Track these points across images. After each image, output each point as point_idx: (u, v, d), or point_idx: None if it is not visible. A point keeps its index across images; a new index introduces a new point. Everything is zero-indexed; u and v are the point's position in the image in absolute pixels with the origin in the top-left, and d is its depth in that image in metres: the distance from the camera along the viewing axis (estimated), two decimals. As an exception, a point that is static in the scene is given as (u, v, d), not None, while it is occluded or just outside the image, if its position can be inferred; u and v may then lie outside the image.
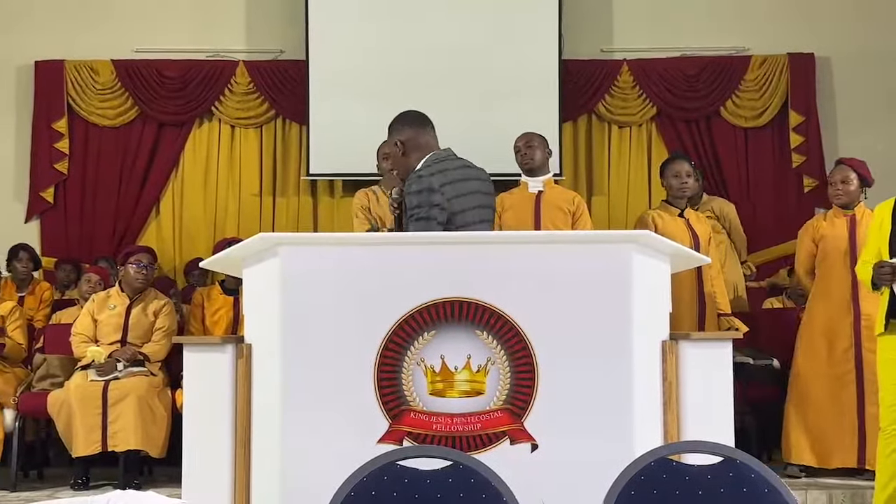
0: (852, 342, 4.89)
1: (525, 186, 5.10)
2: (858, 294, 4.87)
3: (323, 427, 2.99)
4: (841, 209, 5.02)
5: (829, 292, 4.95)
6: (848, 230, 4.96)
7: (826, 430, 4.90)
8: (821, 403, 4.92)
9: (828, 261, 5.00)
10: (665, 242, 3.24)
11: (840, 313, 4.92)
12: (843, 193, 4.98)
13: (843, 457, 4.88)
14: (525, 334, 2.96)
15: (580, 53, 7.45)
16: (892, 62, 7.31)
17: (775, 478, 2.25)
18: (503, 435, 2.95)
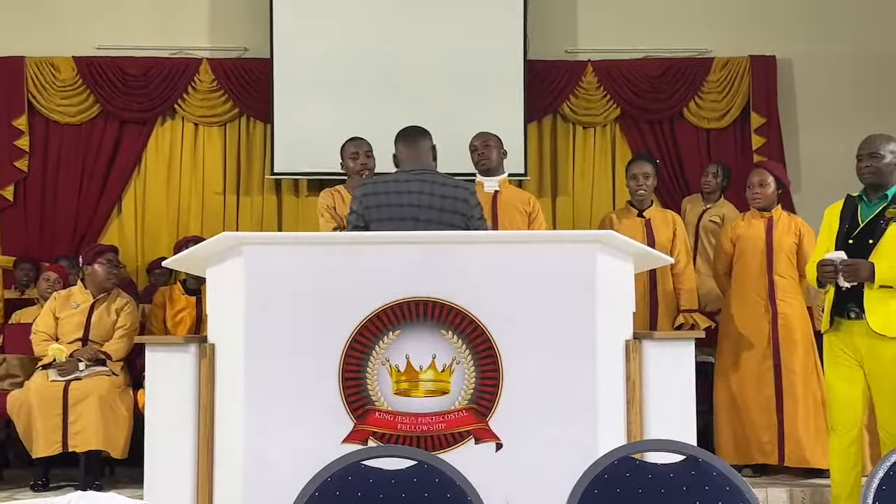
0: (770, 342, 4.96)
1: (480, 186, 5.08)
2: (775, 294, 4.96)
3: (287, 427, 2.98)
4: (758, 211, 5.10)
5: (746, 292, 5.02)
6: (765, 231, 5.04)
7: (749, 428, 4.97)
8: (742, 403, 4.99)
9: (744, 261, 5.07)
10: (629, 242, 3.26)
11: (757, 313, 5.00)
12: (761, 196, 5.07)
13: (765, 455, 4.96)
14: (490, 334, 2.96)
15: (545, 54, 7.48)
16: (851, 65, 7.41)
17: (737, 476, 2.27)
18: (468, 434, 2.95)
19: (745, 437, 4.99)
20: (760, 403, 4.97)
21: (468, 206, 3.79)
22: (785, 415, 4.93)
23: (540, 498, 2.77)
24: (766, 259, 5.02)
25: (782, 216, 5.11)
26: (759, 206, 5.11)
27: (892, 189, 4.24)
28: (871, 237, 4.14)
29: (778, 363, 4.96)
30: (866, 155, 4.25)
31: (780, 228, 5.05)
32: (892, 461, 2.35)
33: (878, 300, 4.07)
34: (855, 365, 4.16)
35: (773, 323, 4.98)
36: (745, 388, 5.00)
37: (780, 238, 5.01)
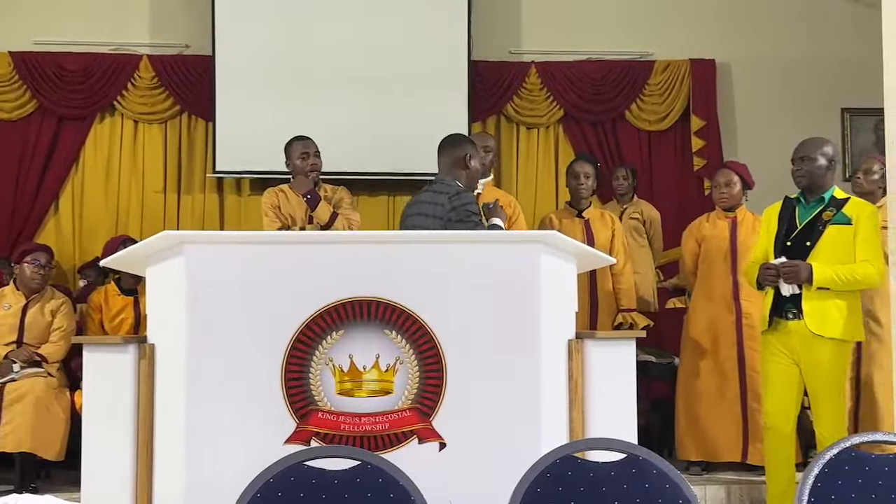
0: (735, 340, 5.04)
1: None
2: (740, 293, 5.04)
3: (229, 428, 2.95)
4: (723, 211, 5.19)
5: (712, 292, 5.10)
6: (730, 231, 5.12)
7: (712, 426, 5.04)
8: (706, 400, 5.06)
9: (709, 261, 5.15)
10: (571, 243, 3.29)
11: (722, 312, 5.07)
12: (727, 196, 5.15)
13: (729, 452, 5.04)
14: (434, 334, 2.97)
15: (489, 55, 7.51)
16: (788, 69, 7.56)
17: (676, 474, 2.30)
18: (411, 434, 2.95)
19: (709, 434, 5.05)
20: (725, 402, 5.04)
21: (444, 210, 3.88)
22: (749, 413, 5.00)
23: (483, 497, 2.77)
24: (731, 259, 5.08)
25: (746, 216, 5.17)
26: (725, 206, 5.18)
27: (829, 192, 4.33)
28: (808, 240, 4.23)
29: (742, 362, 5.03)
30: (800, 159, 4.34)
31: (745, 228, 5.11)
32: (826, 458, 2.40)
33: (816, 302, 4.16)
34: (791, 364, 4.25)
35: (738, 322, 5.05)
36: (711, 387, 5.06)
37: (744, 238, 5.08)
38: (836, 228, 4.20)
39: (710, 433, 5.04)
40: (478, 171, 4.31)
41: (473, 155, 4.18)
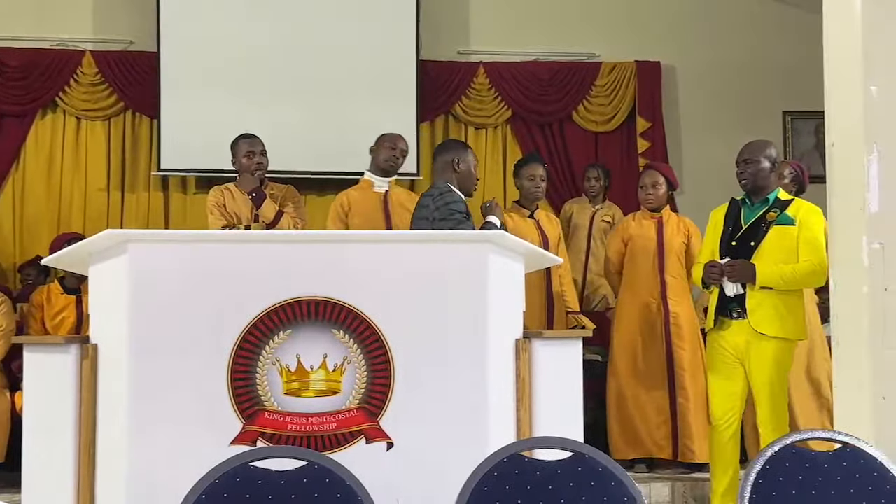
0: (663, 339, 5.11)
1: (370, 185, 5.07)
2: (667, 293, 5.11)
3: (173, 430, 2.92)
4: (649, 212, 5.25)
5: (638, 291, 5.16)
6: (656, 232, 5.19)
7: (642, 425, 5.10)
8: (636, 399, 5.12)
9: (636, 261, 5.21)
10: (519, 243, 3.30)
11: (648, 311, 5.14)
12: (654, 197, 5.22)
13: (659, 450, 5.10)
14: (382, 333, 2.96)
15: (437, 54, 7.51)
16: (732, 72, 7.67)
17: (621, 471, 2.33)
18: (359, 434, 2.94)
19: (638, 432, 5.11)
20: (654, 400, 5.10)
21: (429, 211, 4.18)
22: (678, 411, 5.06)
23: (430, 496, 2.78)
24: (658, 259, 5.15)
25: (671, 217, 5.25)
26: (651, 207, 5.23)
27: (773, 193, 4.41)
28: (752, 240, 4.30)
29: (670, 360, 5.09)
30: (744, 161, 4.41)
31: (670, 229, 5.19)
32: (768, 456, 2.44)
33: (760, 301, 4.23)
34: (736, 363, 4.32)
35: (665, 321, 5.11)
36: (639, 385, 5.12)
37: (670, 238, 5.15)
38: (780, 229, 4.28)
39: (640, 432, 5.10)
40: (469, 173, 4.47)
41: (462, 158, 4.39)
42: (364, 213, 4.94)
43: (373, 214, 4.95)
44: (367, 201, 5.00)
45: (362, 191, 5.07)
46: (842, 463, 2.46)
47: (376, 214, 4.95)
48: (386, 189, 5.06)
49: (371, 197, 5.03)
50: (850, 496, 2.41)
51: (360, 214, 4.94)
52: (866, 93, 3.24)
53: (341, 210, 4.96)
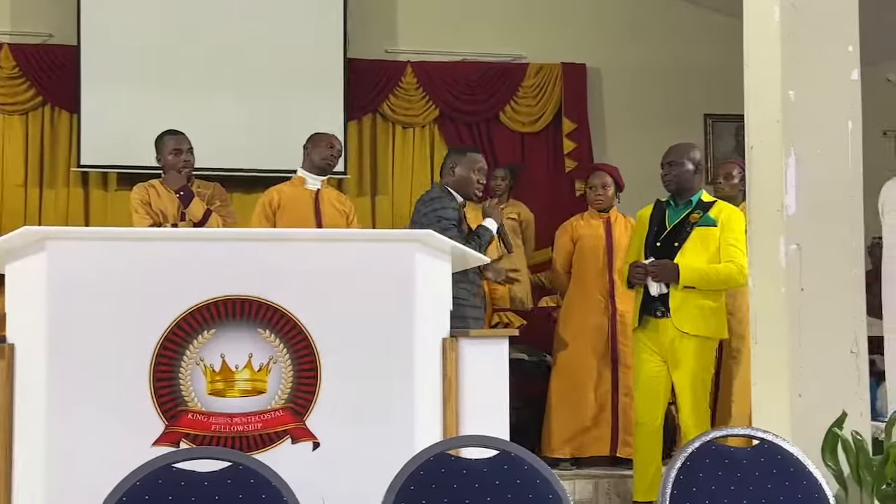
0: (608, 337, 5.18)
1: (302, 182, 5.04)
2: (615, 292, 5.18)
3: (93, 431, 2.86)
4: (597, 212, 5.33)
5: (586, 290, 5.23)
6: (604, 231, 5.26)
7: (584, 422, 5.17)
8: (580, 397, 5.18)
9: (585, 260, 5.27)
10: (447, 242, 3.31)
11: (597, 310, 5.20)
12: (603, 198, 5.29)
13: (599, 447, 5.17)
14: (308, 333, 2.94)
15: (365, 53, 7.49)
16: (655, 75, 7.80)
17: (546, 469, 2.35)
18: (284, 434, 2.92)
19: (580, 430, 5.16)
20: (597, 398, 5.16)
21: (418, 215, 4.41)
22: (620, 408, 5.13)
23: (357, 496, 2.77)
24: (607, 258, 5.21)
25: (619, 217, 5.32)
26: (600, 208, 5.30)
27: (697, 195, 4.50)
28: (676, 240, 4.39)
29: (615, 359, 5.15)
30: (668, 164, 4.49)
31: (618, 228, 5.25)
32: (689, 452, 2.49)
33: (683, 300, 4.32)
34: (660, 361, 4.40)
35: (612, 320, 5.17)
36: (584, 383, 5.17)
37: (618, 238, 5.22)
38: (703, 230, 4.37)
39: (582, 429, 5.16)
40: (465, 178, 4.54)
41: (458, 164, 4.52)
42: (295, 210, 4.91)
43: (304, 212, 4.92)
44: (298, 198, 4.97)
45: (294, 188, 5.04)
46: (760, 459, 2.52)
47: (307, 212, 4.93)
48: (318, 187, 5.03)
49: (303, 194, 5.00)
50: (768, 491, 2.47)
51: (290, 211, 4.90)
52: (784, 97, 3.32)
53: (269, 207, 4.90)
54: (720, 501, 2.43)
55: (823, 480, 2.52)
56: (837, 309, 3.28)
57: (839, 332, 3.27)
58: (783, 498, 2.46)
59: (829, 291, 3.27)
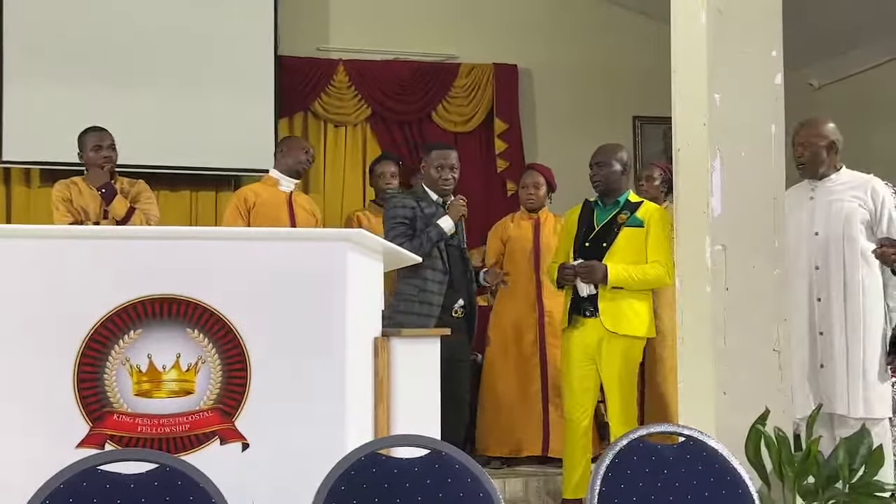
0: (537, 337, 5.23)
1: (276, 183, 5.05)
2: (543, 292, 5.23)
3: (16, 432, 2.78)
4: (528, 212, 5.37)
5: (516, 290, 5.27)
6: (533, 232, 5.32)
7: (515, 422, 5.21)
8: (510, 397, 5.22)
9: (514, 260, 5.32)
10: (378, 241, 3.30)
11: (526, 310, 5.25)
12: (535, 198, 5.34)
13: (530, 446, 5.22)
14: (238, 333, 2.91)
15: (296, 51, 7.44)
16: (585, 77, 7.88)
17: (478, 468, 2.36)
18: (213, 435, 2.88)
19: (512, 430, 5.19)
20: (528, 397, 5.19)
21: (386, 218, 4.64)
22: (549, 406, 5.17)
23: (287, 496, 2.74)
24: (534, 259, 5.25)
25: (548, 217, 5.36)
26: (531, 207, 5.35)
27: (624, 195, 4.57)
28: (605, 241, 4.44)
29: (544, 358, 5.19)
30: (597, 164, 4.55)
31: (547, 229, 5.30)
32: (617, 449, 2.53)
33: (611, 300, 4.37)
34: (589, 360, 4.45)
35: (540, 320, 5.21)
36: (514, 383, 5.20)
37: (547, 238, 5.26)
38: (630, 230, 4.43)
39: (513, 428, 5.20)
40: (430, 176, 4.71)
41: (428, 163, 4.68)
42: (270, 211, 4.96)
43: (278, 212, 4.98)
44: (273, 199, 5.02)
45: (267, 188, 5.08)
46: (686, 455, 2.57)
47: (281, 213, 4.99)
48: (292, 189, 5.10)
49: (278, 195, 5.06)
50: (694, 487, 2.51)
51: (265, 211, 4.95)
52: (710, 100, 3.38)
53: (244, 205, 4.94)
54: (647, 498, 2.47)
55: (747, 476, 2.57)
56: (761, 308, 3.35)
57: (762, 330, 3.34)
58: (708, 494, 2.51)
59: (752, 291, 3.35)
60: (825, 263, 4.11)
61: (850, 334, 4.05)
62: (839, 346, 4.06)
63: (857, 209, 4.12)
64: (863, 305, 4.07)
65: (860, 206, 4.13)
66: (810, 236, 4.14)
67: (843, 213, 4.12)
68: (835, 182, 4.21)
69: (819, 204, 4.18)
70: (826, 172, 4.22)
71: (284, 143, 5.29)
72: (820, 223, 4.15)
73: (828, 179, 4.22)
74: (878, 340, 4.07)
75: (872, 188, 4.16)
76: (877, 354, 4.05)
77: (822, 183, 4.22)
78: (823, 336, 4.09)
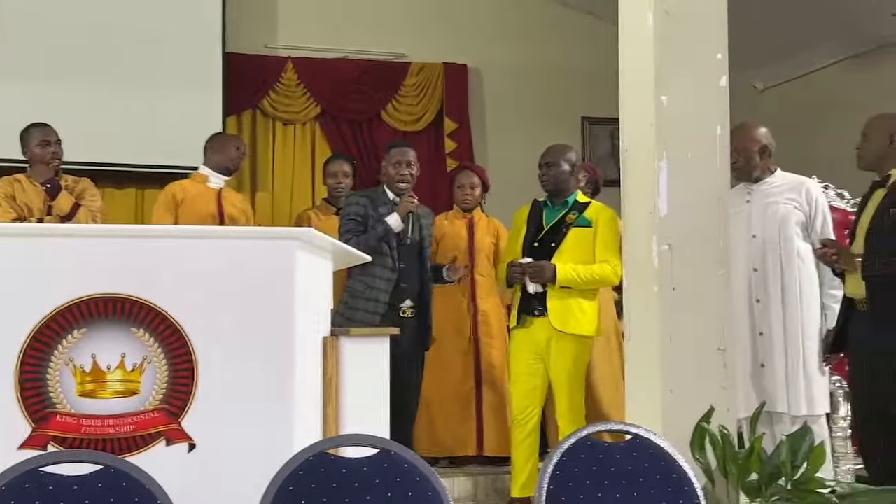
0: (471, 336, 5.25)
1: (205, 179, 4.99)
2: (476, 292, 5.26)
3: (-46, 435, 2.73)
4: (462, 212, 5.39)
5: (449, 290, 5.27)
6: (467, 231, 5.33)
7: (448, 422, 5.21)
8: (443, 397, 5.23)
9: (447, 259, 5.31)
10: (327, 240, 3.29)
11: (460, 310, 5.27)
12: (471, 197, 5.37)
13: (464, 447, 5.23)
14: (185, 332, 2.88)
15: (244, 48, 7.37)
16: (534, 77, 7.92)
17: (426, 467, 2.36)
18: (159, 436, 2.85)
19: (443, 430, 5.19)
20: (461, 396, 5.20)
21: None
22: (484, 406, 5.19)
23: (235, 497, 2.72)
24: (468, 258, 5.26)
25: (482, 217, 5.39)
26: (467, 207, 5.35)
27: (573, 196, 4.60)
28: (553, 241, 4.47)
29: (478, 358, 5.21)
30: (546, 164, 4.58)
31: (481, 229, 5.32)
32: (565, 448, 2.55)
33: (559, 299, 4.41)
34: (537, 359, 4.47)
35: (474, 319, 5.23)
36: (448, 383, 5.20)
37: (480, 238, 5.28)
38: (578, 230, 4.47)
39: (446, 429, 5.20)
40: (387, 174, 4.79)
41: (387, 161, 4.80)
42: (198, 207, 4.89)
43: (207, 208, 4.91)
44: (201, 195, 4.95)
45: (196, 184, 5.02)
46: (632, 453, 2.59)
47: (210, 209, 4.93)
48: (221, 186, 5.03)
49: (206, 192, 4.99)
50: (640, 485, 2.54)
51: (193, 207, 4.87)
52: (657, 102, 3.42)
53: (173, 200, 4.87)
54: (594, 496, 2.49)
55: (692, 473, 2.61)
56: (706, 307, 3.40)
57: (707, 329, 3.39)
58: (654, 491, 2.54)
59: (698, 290, 3.39)
60: (762, 265, 4.19)
61: (788, 334, 4.14)
62: (779, 346, 4.14)
63: (793, 211, 4.21)
64: (800, 306, 4.15)
65: (795, 207, 4.21)
66: (748, 239, 4.21)
67: (778, 216, 4.20)
68: (770, 185, 4.29)
69: (755, 207, 4.26)
70: (760, 176, 4.31)
71: (215, 140, 5.19)
72: (757, 226, 4.23)
73: (763, 182, 4.30)
74: (816, 339, 4.16)
75: (807, 189, 4.26)
76: (815, 353, 4.14)
77: (757, 186, 4.30)
78: (763, 336, 4.17)
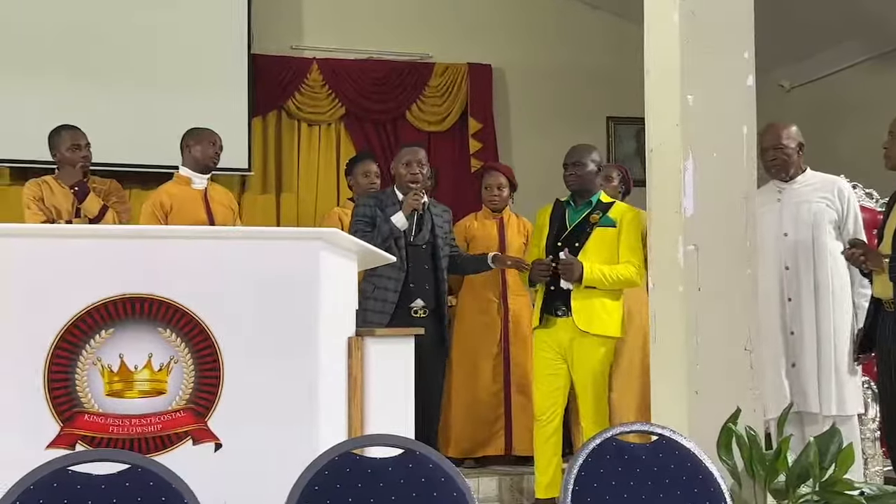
0: (501, 336, 5.24)
1: (188, 181, 4.88)
2: (507, 292, 5.25)
3: (-16, 434, 2.76)
4: (491, 212, 5.38)
5: (480, 290, 5.27)
6: (498, 231, 5.33)
7: (478, 422, 5.21)
8: (475, 397, 5.23)
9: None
10: (352, 240, 3.30)
11: (491, 310, 5.26)
12: (499, 198, 5.35)
13: (493, 446, 5.23)
14: (211, 332, 2.89)
15: (270, 49, 7.41)
16: (559, 77, 7.89)
17: (451, 467, 2.37)
18: (185, 435, 2.87)
19: (475, 430, 5.19)
20: (491, 396, 5.20)
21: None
22: (513, 406, 5.18)
23: (260, 497, 2.73)
24: None
25: (512, 217, 5.38)
26: (495, 208, 5.35)
27: (596, 195, 4.59)
28: (577, 241, 4.46)
29: (507, 357, 5.20)
30: (572, 164, 4.57)
31: (511, 229, 5.31)
32: (590, 449, 2.54)
33: (584, 299, 4.39)
34: (560, 359, 4.46)
35: (505, 319, 5.22)
36: (479, 383, 5.20)
37: (511, 238, 5.27)
38: (603, 230, 4.46)
39: (476, 429, 5.20)
40: (400, 175, 4.79)
41: (398, 161, 4.81)
42: (186, 212, 4.74)
43: (195, 213, 4.78)
44: (188, 199, 4.82)
45: (180, 187, 4.87)
46: (658, 455, 2.58)
47: (199, 212, 4.79)
48: (205, 186, 4.91)
49: (192, 194, 4.85)
50: (666, 486, 2.53)
51: (182, 213, 4.73)
52: (683, 102, 3.40)
53: (160, 210, 4.71)
54: (620, 497, 2.49)
55: (719, 475, 2.59)
56: (732, 307, 3.37)
57: (734, 330, 3.37)
58: (680, 492, 2.52)
59: (724, 291, 3.37)
60: (794, 264, 4.16)
61: (820, 333, 4.11)
62: (810, 345, 4.11)
63: (825, 210, 4.18)
64: (832, 305, 4.12)
65: (828, 206, 4.19)
66: (779, 237, 4.19)
67: (811, 215, 4.18)
68: (801, 184, 4.27)
69: (787, 206, 4.23)
70: (795, 174, 4.28)
71: (190, 137, 4.91)
72: (788, 224, 4.20)
73: (794, 181, 4.27)
74: (847, 338, 4.13)
75: (839, 189, 4.23)
76: (846, 352, 4.11)
77: (788, 185, 4.28)
78: (794, 335, 4.14)
